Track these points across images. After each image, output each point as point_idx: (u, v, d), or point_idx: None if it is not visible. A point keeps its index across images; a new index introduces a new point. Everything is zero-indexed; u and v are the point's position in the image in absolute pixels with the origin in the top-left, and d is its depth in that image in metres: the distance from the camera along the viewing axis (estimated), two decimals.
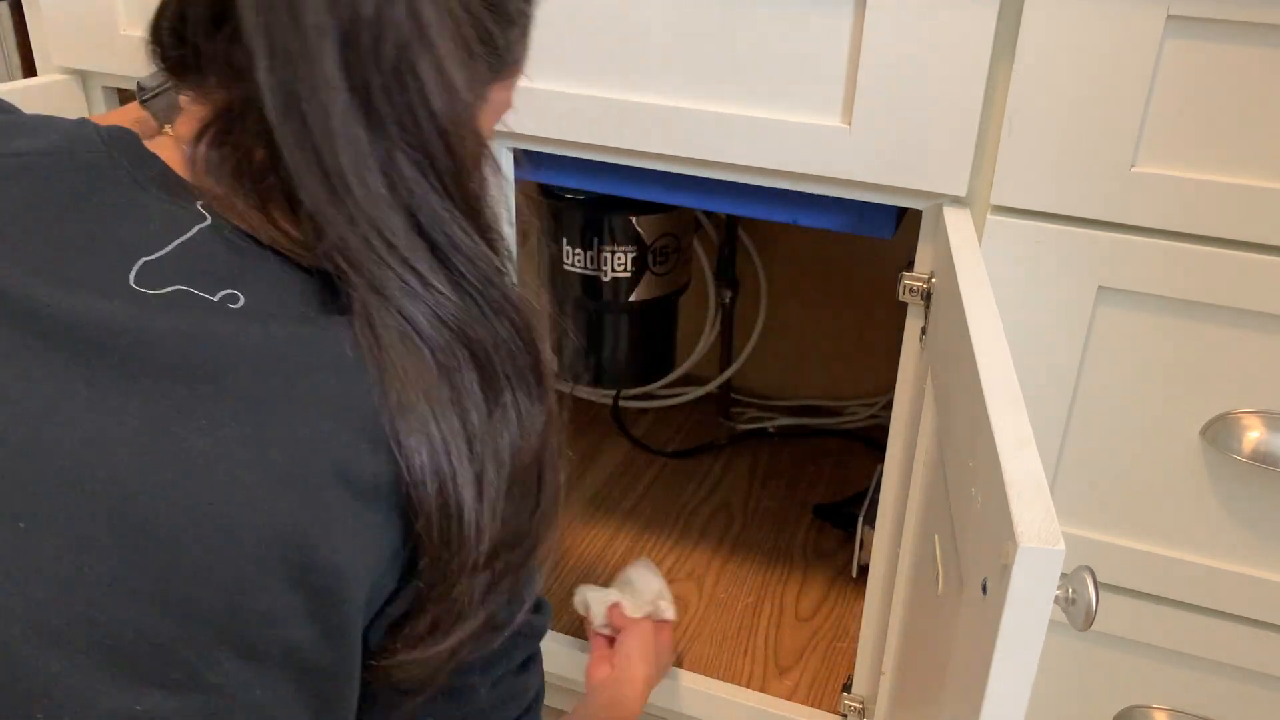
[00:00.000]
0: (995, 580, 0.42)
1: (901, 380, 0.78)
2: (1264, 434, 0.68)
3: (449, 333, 0.48)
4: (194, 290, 0.46)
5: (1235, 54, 0.61)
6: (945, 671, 0.53)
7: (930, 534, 0.66)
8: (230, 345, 0.45)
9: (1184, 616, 0.75)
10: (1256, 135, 0.62)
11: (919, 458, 0.76)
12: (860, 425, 1.37)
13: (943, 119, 0.68)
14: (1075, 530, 0.76)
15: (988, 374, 0.51)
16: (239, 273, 0.47)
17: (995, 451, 0.45)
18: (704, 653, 1.01)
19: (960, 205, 0.71)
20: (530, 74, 0.60)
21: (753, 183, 0.76)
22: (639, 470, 1.30)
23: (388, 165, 0.47)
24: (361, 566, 0.46)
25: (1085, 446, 0.73)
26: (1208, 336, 0.68)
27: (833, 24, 0.68)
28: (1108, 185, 0.66)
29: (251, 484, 0.43)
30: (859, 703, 0.91)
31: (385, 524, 0.47)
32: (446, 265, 0.49)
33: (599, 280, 1.08)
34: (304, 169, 0.46)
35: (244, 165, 0.49)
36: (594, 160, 0.79)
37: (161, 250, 0.47)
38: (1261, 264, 0.65)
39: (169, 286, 0.46)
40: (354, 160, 0.46)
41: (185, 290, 0.46)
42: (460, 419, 0.48)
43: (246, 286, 0.47)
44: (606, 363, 1.15)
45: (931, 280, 0.72)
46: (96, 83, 0.94)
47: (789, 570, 1.13)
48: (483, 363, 0.49)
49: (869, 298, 1.31)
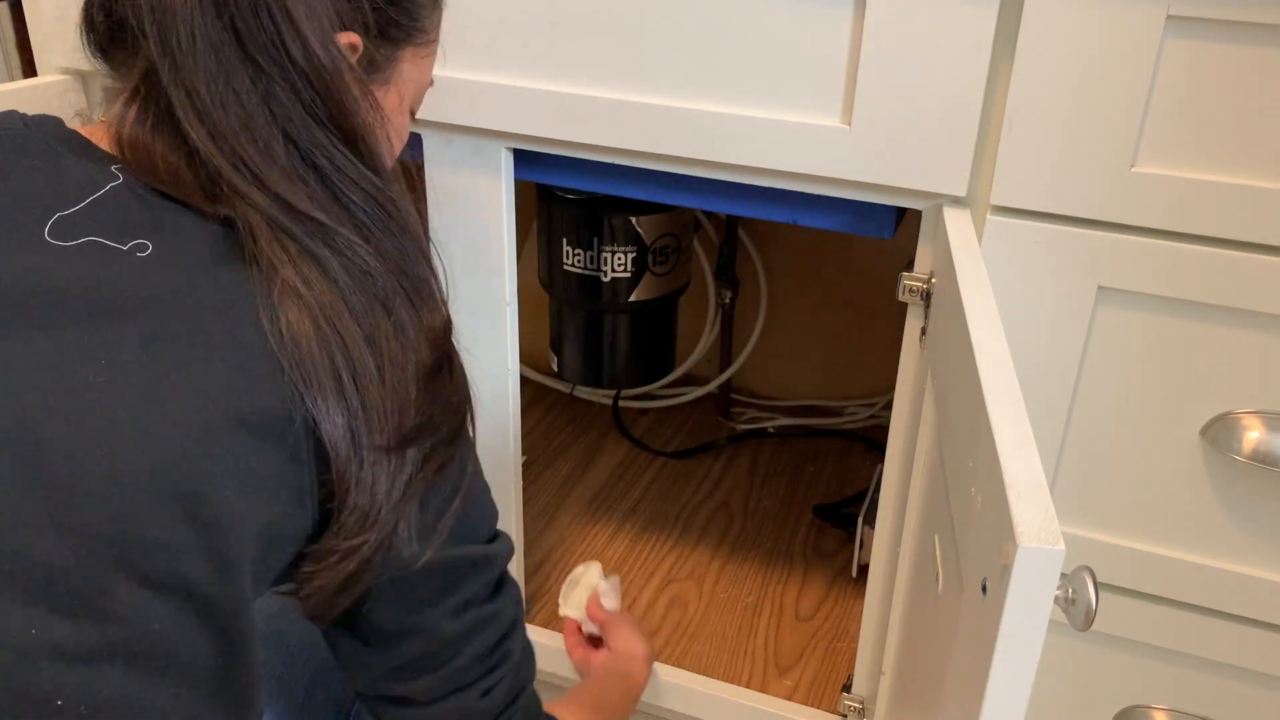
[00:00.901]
0: (995, 580, 0.42)
1: (901, 380, 0.78)
2: (1264, 434, 0.68)
3: (342, 258, 0.51)
4: (104, 240, 0.49)
5: (1235, 54, 0.61)
6: (945, 671, 0.53)
7: (930, 534, 0.66)
8: (134, 289, 0.48)
9: (1184, 616, 0.75)
10: (1256, 135, 0.62)
11: (919, 458, 0.76)
12: (860, 425, 1.37)
13: (943, 119, 0.68)
14: (1075, 530, 0.76)
15: (988, 374, 0.51)
16: (149, 224, 0.50)
17: (995, 451, 0.45)
18: (704, 653, 1.01)
19: (960, 205, 0.71)
20: (527, 71, 0.60)
21: (753, 183, 0.76)
22: (639, 470, 1.30)
23: (266, 97, 0.51)
24: (256, 503, 0.48)
25: (1085, 446, 0.73)
26: (1208, 336, 0.68)
27: (833, 24, 0.68)
28: (1107, 185, 0.66)
29: (145, 419, 0.46)
30: (859, 703, 0.91)
31: (285, 461, 0.49)
32: (332, 189, 0.52)
33: (599, 280, 1.08)
34: (186, 105, 0.50)
35: (160, 121, 0.52)
36: (594, 160, 0.80)
37: (75, 206, 0.50)
38: (1261, 264, 0.65)
39: (81, 238, 0.49)
40: (225, 89, 0.50)
41: (96, 241, 0.49)
42: (359, 337, 0.51)
43: (155, 236, 0.50)
44: (606, 363, 1.15)
45: (931, 280, 0.72)
46: (96, 83, 0.94)
47: (789, 570, 1.13)
48: (375, 279, 0.52)
49: (869, 298, 1.31)
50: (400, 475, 0.53)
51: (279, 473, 0.49)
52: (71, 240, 0.49)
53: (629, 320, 1.13)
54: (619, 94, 0.75)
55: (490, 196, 0.83)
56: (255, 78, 0.50)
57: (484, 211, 0.83)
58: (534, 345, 1.35)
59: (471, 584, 0.62)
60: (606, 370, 1.16)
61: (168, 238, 0.50)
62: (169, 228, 0.50)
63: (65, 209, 0.50)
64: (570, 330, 1.15)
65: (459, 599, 0.62)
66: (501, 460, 0.93)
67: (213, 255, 0.50)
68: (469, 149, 0.82)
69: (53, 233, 0.49)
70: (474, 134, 0.81)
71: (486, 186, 0.83)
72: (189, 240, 0.50)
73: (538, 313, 1.27)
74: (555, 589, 1.09)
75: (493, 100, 0.78)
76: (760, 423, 1.38)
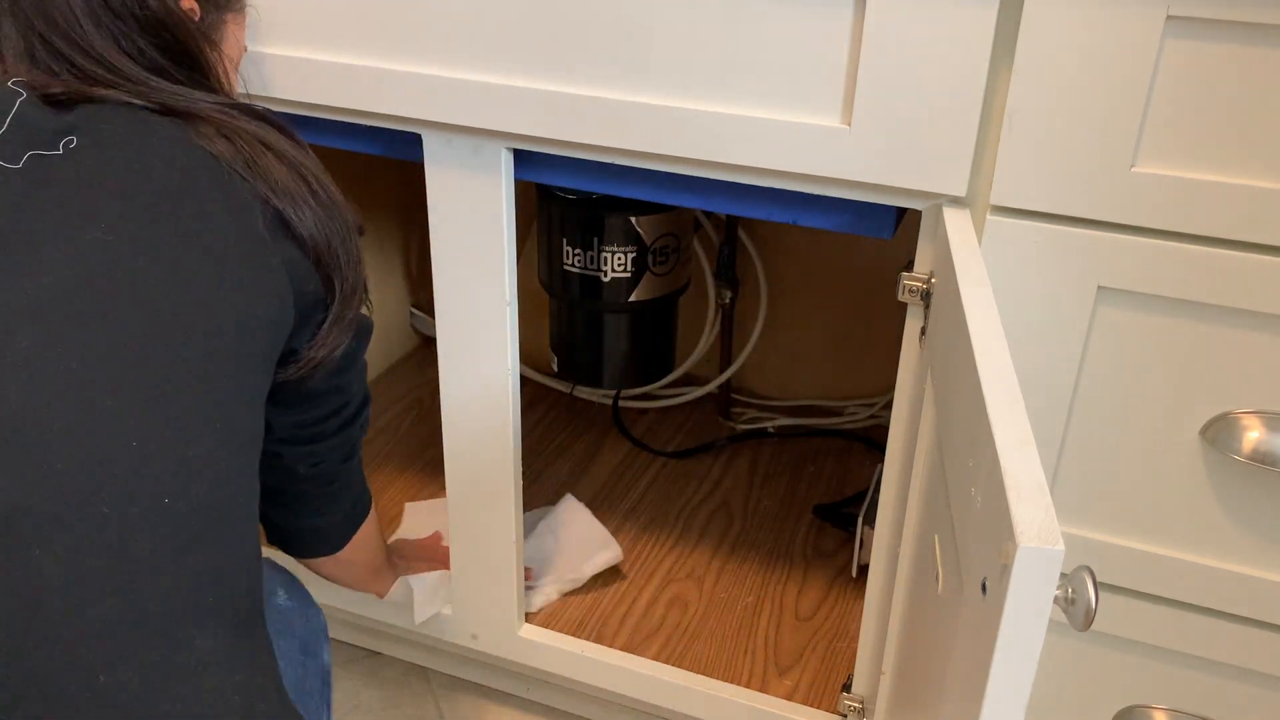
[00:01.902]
0: (995, 580, 0.42)
1: (901, 380, 0.78)
2: (1264, 434, 0.68)
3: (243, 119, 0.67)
4: (42, 152, 0.60)
5: (1235, 54, 0.61)
6: (945, 671, 0.54)
7: (930, 534, 0.66)
8: (103, 169, 0.60)
9: (1184, 616, 0.75)
10: (1256, 135, 0.62)
11: (919, 458, 0.76)
12: (860, 425, 1.37)
13: (943, 119, 0.68)
14: (1075, 530, 0.76)
15: (988, 374, 0.51)
16: (68, 123, 0.61)
17: (995, 451, 0.45)
18: (704, 653, 1.01)
19: (960, 205, 0.71)
20: (527, 71, 0.60)
21: (753, 183, 0.76)
22: (639, 470, 1.30)
23: (123, 40, 0.66)
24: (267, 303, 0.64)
25: (1085, 446, 0.73)
26: (1208, 336, 0.68)
27: (833, 24, 0.68)
28: (1107, 185, 0.66)
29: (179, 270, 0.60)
30: (859, 702, 0.91)
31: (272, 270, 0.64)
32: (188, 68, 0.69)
33: (599, 280, 1.08)
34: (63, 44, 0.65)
35: (34, 55, 0.65)
36: (594, 160, 0.80)
37: (2, 127, 0.60)
38: (1261, 264, 0.65)
39: (24, 156, 0.59)
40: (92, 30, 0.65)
41: (37, 154, 0.60)
42: (294, 161, 0.67)
43: (76, 130, 0.61)
44: (606, 363, 1.15)
45: (931, 280, 0.72)
46: None
47: (789, 570, 1.13)
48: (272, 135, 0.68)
49: (869, 298, 1.31)
50: (358, 254, 0.71)
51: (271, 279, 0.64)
52: (17, 162, 0.59)
53: (629, 320, 1.13)
54: (619, 94, 0.75)
55: (490, 196, 0.83)
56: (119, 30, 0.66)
57: (484, 211, 0.83)
58: (534, 345, 1.35)
59: (364, 347, 0.79)
60: (606, 370, 1.16)
61: (89, 126, 0.62)
62: (85, 117, 0.62)
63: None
64: (570, 330, 1.15)
65: (361, 359, 0.79)
66: (502, 460, 0.93)
67: (130, 128, 0.63)
68: (469, 149, 0.82)
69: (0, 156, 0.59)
70: (474, 134, 0.81)
71: (486, 186, 0.83)
72: (107, 121, 0.63)
73: (538, 313, 1.27)
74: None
75: (493, 100, 0.78)
76: (760, 423, 1.38)
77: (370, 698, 1.11)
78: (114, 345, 0.55)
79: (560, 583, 1.06)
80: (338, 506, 0.84)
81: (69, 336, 0.54)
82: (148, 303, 0.57)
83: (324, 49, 0.82)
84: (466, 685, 1.13)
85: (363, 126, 0.85)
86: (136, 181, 0.60)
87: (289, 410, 0.74)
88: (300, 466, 0.78)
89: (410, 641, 1.12)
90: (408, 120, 0.82)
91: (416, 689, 1.12)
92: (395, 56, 0.80)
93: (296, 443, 0.77)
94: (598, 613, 1.06)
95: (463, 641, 1.04)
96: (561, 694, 1.10)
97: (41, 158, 0.59)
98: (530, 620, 1.04)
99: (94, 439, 0.53)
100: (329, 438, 0.78)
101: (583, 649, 1.00)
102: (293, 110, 0.85)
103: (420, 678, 1.14)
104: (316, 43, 0.82)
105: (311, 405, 0.75)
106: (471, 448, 0.93)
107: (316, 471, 0.79)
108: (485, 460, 0.94)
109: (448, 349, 0.90)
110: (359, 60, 0.81)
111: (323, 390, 0.75)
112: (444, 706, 1.11)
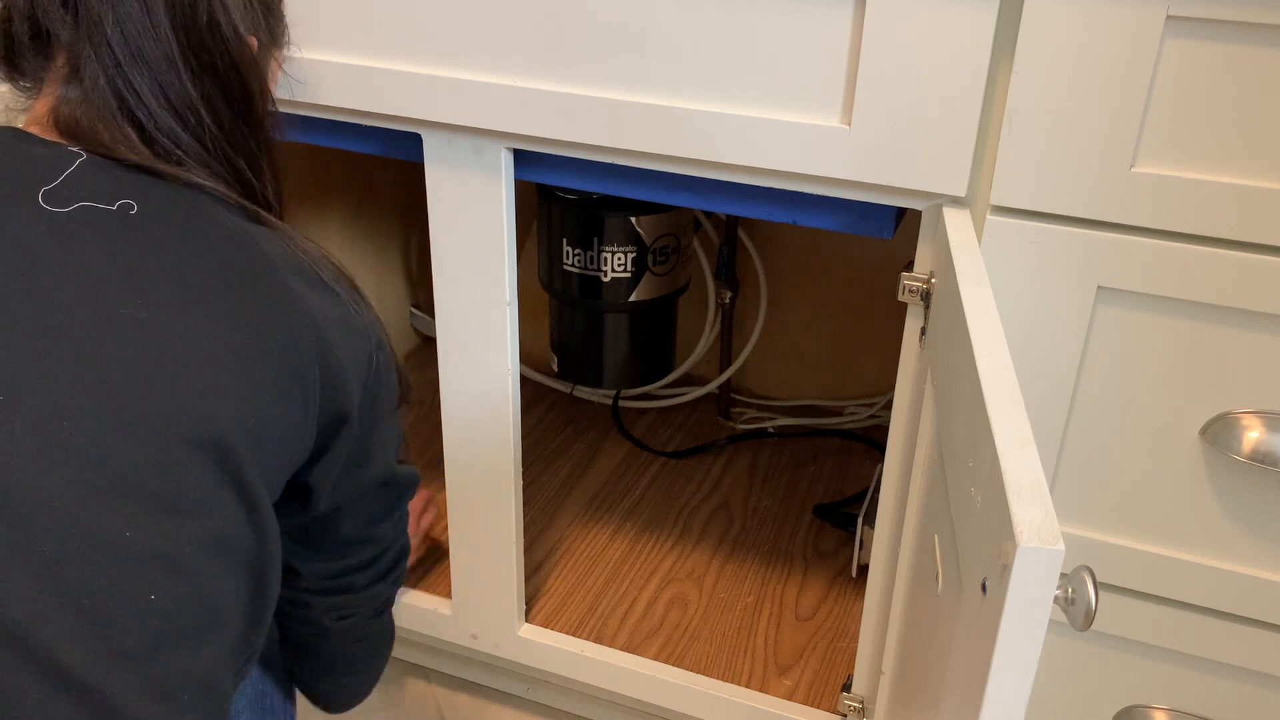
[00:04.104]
0: (995, 580, 0.42)
1: (901, 380, 0.78)
2: (1264, 434, 0.68)
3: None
4: (95, 204, 0.57)
5: (1235, 54, 0.61)
6: (945, 671, 0.54)
7: (930, 534, 0.66)
8: (143, 240, 0.57)
9: (1184, 616, 0.75)
10: (1256, 135, 0.62)
11: (919, 458, 0.76)
12: (860, 425, 1.37)
13: (942, 119, 0.68)
14: (1075, 530, 0.76)
15: (987, 374, 0.51)
16: (127, 188, 0.59)
17: (995, 451, 0.45)
18: (704, 653, 1.01)
19: (960, 205, 0.71)
20: (527, 71, 0.60)
21: (753, 183, 0.76)
22: (639, 470, 1.30)
23: (201, 89, 0.63)
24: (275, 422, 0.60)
25: (1085, 446, 0.73)
26: (1208, 336, 0.68)
27: (833, 24, 0.68)
28: (1107, 185, 0.66)
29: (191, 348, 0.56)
30: (859, 702, 0.91)
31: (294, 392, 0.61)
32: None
33: (599, 280, 1.08)
34: (135, 91, 0.61)
35: (99, 102, 0.61)
36: (593, 160, 0.80)
37: (55, 180, 0.58)
38: (1261, 264, 0.65)
39: (74, 204, 0.57)
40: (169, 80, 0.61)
41: (88, 205, 0.57)
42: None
43: (135, 197, 0.59)
44: (606, 363, 1.15)
45: (931, 280, 0.72)
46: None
47: (789, 570, 1.13)
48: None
49: (869, 298, 1.31)
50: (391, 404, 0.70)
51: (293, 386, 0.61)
52: (66, 208, 0.57)
53: (629, 320, 1.13)
54: (619, 94, 0.75)
55: (490, 196, 0.83)
56: (196, 73, 0.62)
57: (484, 211, 0.83)
58: (534, 345, 1.35)
59: (406, 499, 0.77)
60: (606, 370, 1.16)
61: (148, 197, 0.59)
62: (145, 189, 0.59)
63: (49, 183, 0.57)
64: (570, 330, 1.15)
65: (400, 511, 0.77)
66: (502, 460, 0.93)
67: (193, 212, 0.60)
68: (469, 149, 0.82)
69: (46, 201, 0.57)
70: (474, 134, 0.81)
71: (486, 186, 0.83)
72: (164, 199, 0.60)
73: (538, 313, 1.27)
74: (555, 589, 1.09)
75: (493, 100, 0.78)
76: (760, 423, 1.38)
77: (370, 697, 1.11)
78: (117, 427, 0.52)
79: None
80: (369, 666, 0.82)
81: (72, 408, 0.51)
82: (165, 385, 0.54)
83: (324, 49, 0.82)
84: (466, 685, 1.13)
85: (362, 126, 0.85)
86: (188, 266, 0.57)
87: (319, 556, 0.72)
88: (327, 619, 0.75)
89: (410, 641, 1.12)
90: (408, 120, 0.82)
91: (416, 689, 1.13)
92: (395, 56, 0.80)
93: (326, 593, 0.74)
94: (598, 613, 1.06)
95: (462, 641, 1.04)
96: (561, 694, 1.10)
97: (94, 209, 0.57)
98: (530, 620, 1.04)
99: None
100: (360, 590, 0.76)
101: (583, 649, 1.00)
102: (293, 110, 0.85)
103: (420, 677, 1.14)
104: (316, 43, 0.82)
105: (343, 553, 0.73)
106: (471, 448, 0.93)
107: (345, 626, 0.76)
108: (485, 460, 0.94)
109: (448, 349, 0.90)
110: (359, 60, 0.81)
111: (356, 540, 0.73)
112: (444, 706, 1.11)
